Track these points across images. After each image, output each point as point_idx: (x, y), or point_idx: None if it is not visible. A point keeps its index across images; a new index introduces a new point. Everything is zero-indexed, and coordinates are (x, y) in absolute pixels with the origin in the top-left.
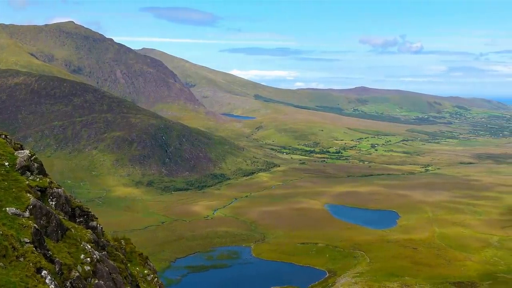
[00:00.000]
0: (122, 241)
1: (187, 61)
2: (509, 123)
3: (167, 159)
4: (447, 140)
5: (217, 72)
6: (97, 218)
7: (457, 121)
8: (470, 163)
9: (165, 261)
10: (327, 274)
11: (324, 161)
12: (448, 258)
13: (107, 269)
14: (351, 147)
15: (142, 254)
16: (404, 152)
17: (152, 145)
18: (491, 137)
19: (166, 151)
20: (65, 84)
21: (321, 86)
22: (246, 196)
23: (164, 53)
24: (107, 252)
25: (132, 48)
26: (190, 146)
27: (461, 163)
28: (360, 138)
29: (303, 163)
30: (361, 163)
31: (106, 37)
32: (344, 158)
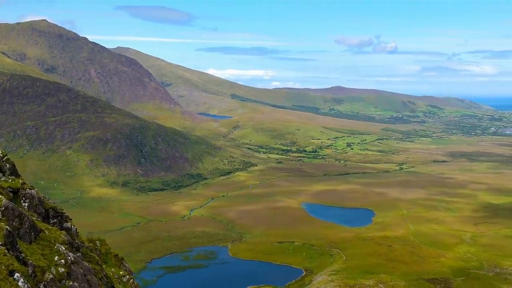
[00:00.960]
0: (97, 242)
1: (162, 60)
2: (481, 122)
3: (143, 159)
4: (421, 138)
5: (193, 71)
6: (71, 219)
7: (430, 120)
8: (444, 161)
9: (141, 262)
10: (304, 273)
11: (301, 160)
12: (423, 255)
13: (82, 270)
14: (327, 146)
15: (117, 255)
16: (379, 151)
17: (127, 145)
18: (463, 135)
19: (142, 151)
20: (38, 84)
21: (297, 86)
22: (223, 196)
23: (139, 52)
24: (81, 253)
25: (107, 47)
26: (166, 146)
27: (434, 161)
28: (336, 137)
29: (280, 162)
30: (337, 162)
31: (80, 35)
32: (320, 157)
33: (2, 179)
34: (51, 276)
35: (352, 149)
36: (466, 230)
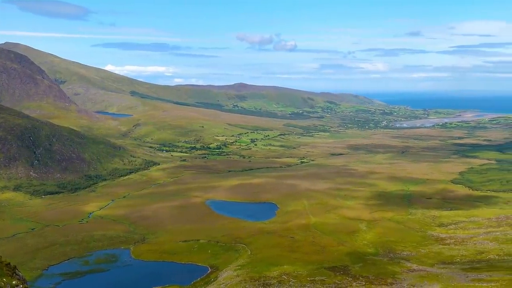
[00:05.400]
0: None
1: (56, 56)
2: (374, 116)
3: (36, 161)
4: (319, 133)
5: (90, 67)
6: None
7: (328, 115)
8: (341, 154)
9: (36, 269)
10: (209, 270)
11: (205, 157)
12: (323, 244)
13: None
14: (232, 142)
15: (9, 264)
16: (281, 146)
17: (19, 147)
18: (358, 129)
19: (35, 152)
20: None
21: (201, 82)
22: (124, 197)
23: (30, 47)
24: None
25: None
26: (61, 147)
27: (333, 154)
28: (240, 134)
29: (184, 160)
30: (241, 157)
31: None
32: (225, 153)
33: None
34: None
35: (256, 145)
36: (363, 218)
